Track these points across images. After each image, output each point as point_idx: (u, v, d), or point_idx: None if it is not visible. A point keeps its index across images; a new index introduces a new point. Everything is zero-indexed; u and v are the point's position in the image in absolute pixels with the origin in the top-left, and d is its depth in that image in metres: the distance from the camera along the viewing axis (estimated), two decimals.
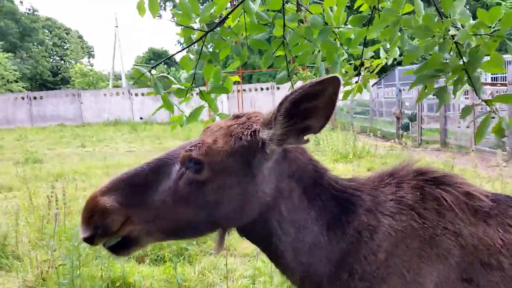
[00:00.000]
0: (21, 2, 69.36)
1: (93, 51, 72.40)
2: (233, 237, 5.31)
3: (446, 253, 1.46)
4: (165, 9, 53.42)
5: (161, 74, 2.79)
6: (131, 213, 1.49)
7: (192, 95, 2.82)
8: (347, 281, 1.52)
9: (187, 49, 2.80)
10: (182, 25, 2.66)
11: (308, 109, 1.40)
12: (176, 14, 2.67)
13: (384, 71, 21.56)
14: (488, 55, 2.09)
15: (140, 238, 1.53)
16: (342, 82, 1.33)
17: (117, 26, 48.18)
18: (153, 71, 2.65)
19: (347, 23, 2.77)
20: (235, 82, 3.20)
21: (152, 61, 52.56)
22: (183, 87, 2.78)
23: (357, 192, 1.61)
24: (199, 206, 1.50)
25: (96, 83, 45.52)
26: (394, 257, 1.48)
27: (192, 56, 2.79)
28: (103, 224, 1.46)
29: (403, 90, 17.65)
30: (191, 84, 2.75)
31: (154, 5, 2.53)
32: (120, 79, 52.33)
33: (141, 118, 31.09)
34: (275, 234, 1.56)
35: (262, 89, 31.42)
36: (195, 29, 2.69)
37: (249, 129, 1.53)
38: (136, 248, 1.57)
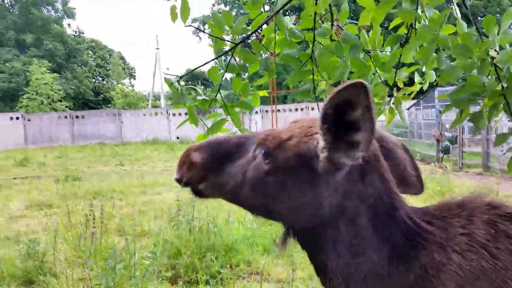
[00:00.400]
0: (69, 25, 72.80)
1: (134, 72, 74.57)
2: (266, 262, 5.19)
3: None
4: (204, 31, 54.66)
5: (189, 86, 2.82)
6: (207, 174, 1.66)
7: (221, 112, 2.82)
8: None
9: (218, 63, 2.82)
10: (214, 36, 2.67)
11: (352, 122, 1.31)
12: (210, 25, 2.68)
13: (422, 92, 21.18)
14: None
15: (208, 193, 1.72)
16: (368, 88, 1.22)
17: (158, 48, 49.73)
18: (183, 83, 2.68)
19: (384, 46, 2.71)
20: (267, 102, 3.20)
21: (189, 82, 53.76)
22: (207, 98, 2.78)
23: (429, 227, 1.48)
24: (259, 193, 1.54)
25: (136, 103, 46.88)
26: None
27: (223, 71, 2.81)
28: (187, 174, 1.69)
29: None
30: (216, 95, 2.74)
31: (186, 10, 2.47)
32: (159, 99, 53.69)
33: (177, 137, 31.67)
34: (325, 251, 1.48)
35: (296, 109, 31.38)
36: (226, 40, 2.69)
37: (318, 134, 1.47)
38: (206, 198, 1.77)
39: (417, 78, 2.89)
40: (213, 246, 5.61)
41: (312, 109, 29.97)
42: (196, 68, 3.40)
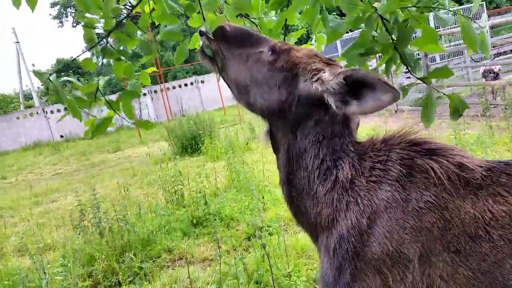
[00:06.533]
0: None
1: None
2: (188, 244, 5.05)
3: (429, 226, 1.43)
4: (66, 15, 50.50)
5: (63, 79, 2.52)
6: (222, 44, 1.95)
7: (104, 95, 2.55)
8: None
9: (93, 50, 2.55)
10: (84, 26, 2.40)
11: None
12: (79, 15, 2.41)
13: None
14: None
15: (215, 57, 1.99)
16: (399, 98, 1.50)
17: (18, 42, 44.57)
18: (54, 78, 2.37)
19: (266, 11, 2.66)
20: (153, 82, 2.98)
21: (62, 73, 49.46)
22: (85, 98, 2.51)
23: (346, 157, 1.65)
24: (253, 78, 1.86)
25: (6, 107, 42.16)
26: (376, 225, 1.49)
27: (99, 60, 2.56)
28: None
29: None
30: (96, 91, 2.50)
31: None
32: (32, 98, 48.72)
33: (61, 136, 29.29)
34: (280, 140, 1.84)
35: (186, 84, 30.60)
36: (96, 28, 2.45)
37: None
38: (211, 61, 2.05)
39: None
40: (128, 244, 5.34)
41: (202, 82, 29.76)
42: (66, 64, 3.07)
